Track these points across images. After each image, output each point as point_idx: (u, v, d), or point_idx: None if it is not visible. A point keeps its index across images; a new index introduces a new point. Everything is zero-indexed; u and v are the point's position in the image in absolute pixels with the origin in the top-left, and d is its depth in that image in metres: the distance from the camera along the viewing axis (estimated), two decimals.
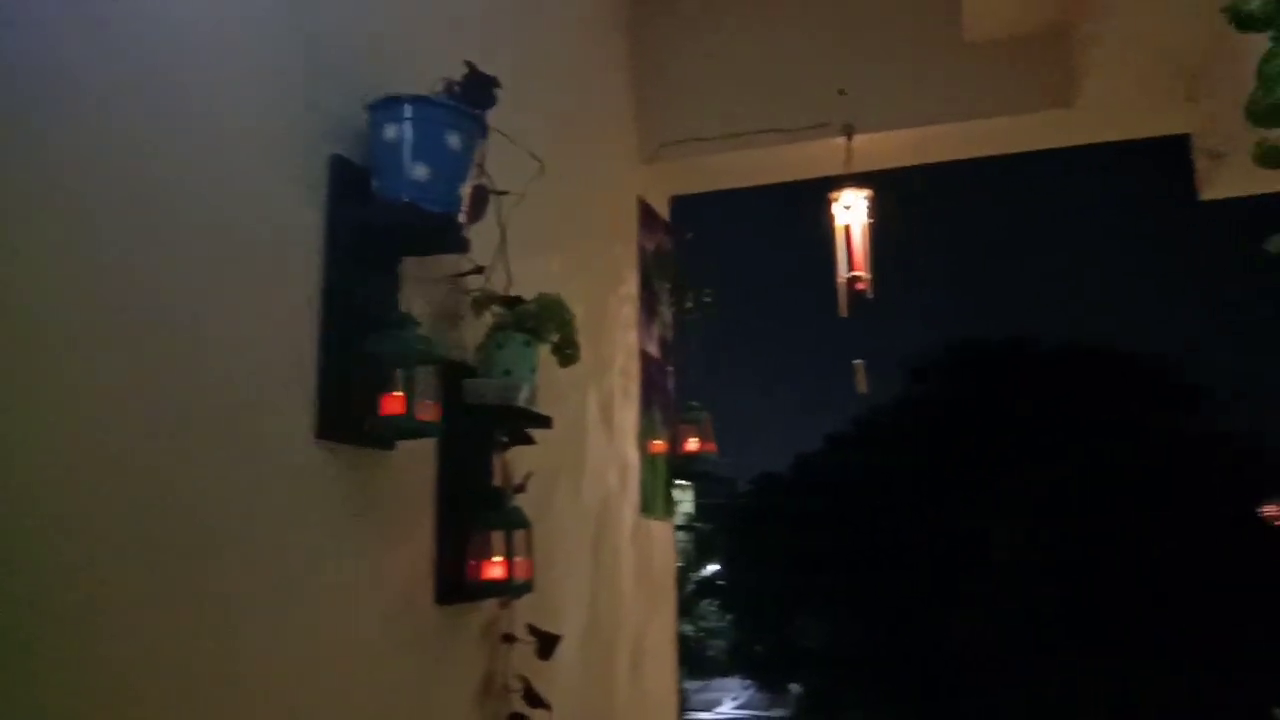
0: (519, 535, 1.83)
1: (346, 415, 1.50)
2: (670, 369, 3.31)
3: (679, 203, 3.57)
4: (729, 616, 19.50)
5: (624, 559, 2.78)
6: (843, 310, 2.91)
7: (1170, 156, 3.17)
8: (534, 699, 1.93)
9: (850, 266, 2.93)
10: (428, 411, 1.55)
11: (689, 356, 3.38)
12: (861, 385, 2.91)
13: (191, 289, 1.27)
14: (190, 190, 1.29)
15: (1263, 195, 2.75)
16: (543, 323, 1.85)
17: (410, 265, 1.72)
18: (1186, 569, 13.91)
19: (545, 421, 1.95)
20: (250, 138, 1.40)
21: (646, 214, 3.24)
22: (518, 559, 1.82)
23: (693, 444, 3.23)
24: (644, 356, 3.11)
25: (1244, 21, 1.41)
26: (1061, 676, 13.14)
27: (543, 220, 2.17)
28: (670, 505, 3.22)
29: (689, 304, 3.37)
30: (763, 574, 18.18)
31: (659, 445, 3.15)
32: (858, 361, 2.92)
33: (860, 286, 2.93)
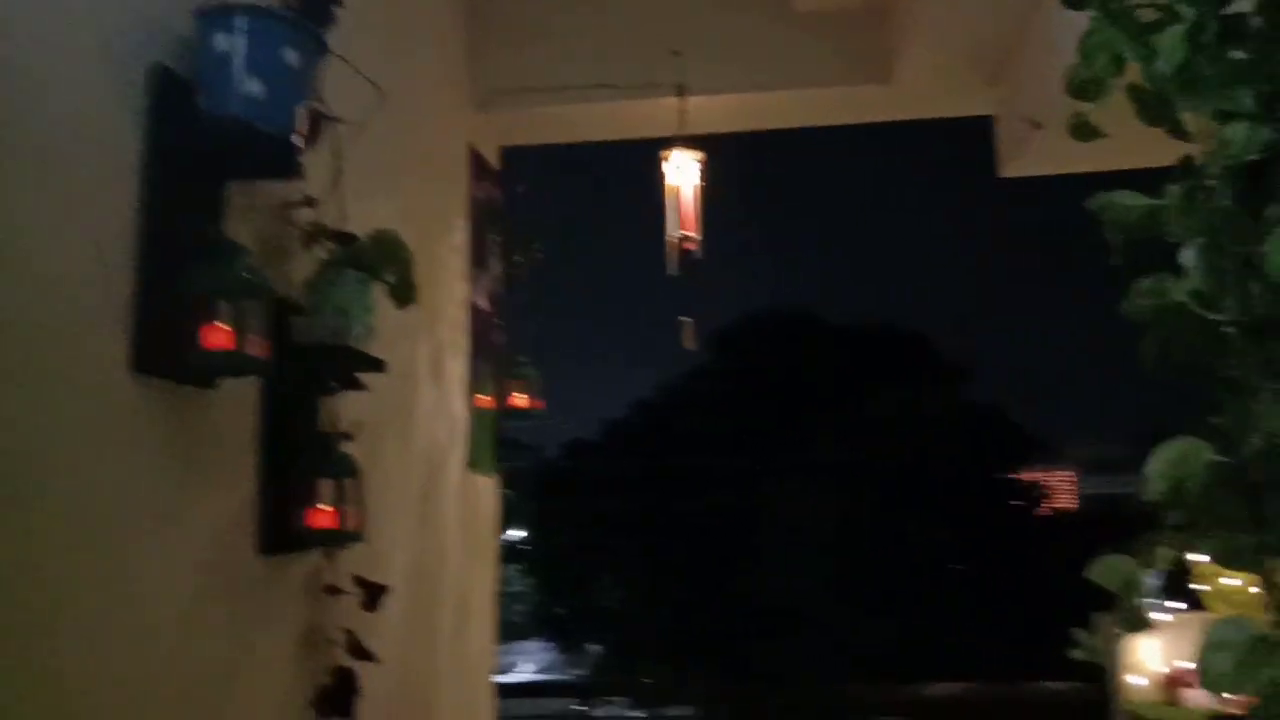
0: (349, 483, 1.75)
1: (166, 348, 1.38)
2: (499, 323, 3.26)
3: (512, 154, 3.50)
4: (531, 580, 19.62)
5: (450, 513, 2.72)
6: (672, 269, 2.95)
7: (976, 136, 3.38)
8: (359, 651, 1.86)
9: (680, 226, 2.97)
10: (257, 347, 1.45)
11: (518, 311, 3.34)
12: (689, 342, 2.97)
13: None
14: None
15: (1055, 176, 3.00)
16: (380, 261, 1.77)
17: (237, 192, 1.59)
18: (951, 529, 15.16)
19: (378, 365, 1.86)
20: (62, 44, 1.25)
21: (478, 163, 3.16)
22: (348, 508, 1.74)
23: (520, 400, 3.19)
24: (473, 309, 3.04)
25: (1072, 1, 1.50)
26: (842, 629, 14.01)
27: (372, 158, 2.07)
28: (496, 461, 3.17)
29: (519, 258, 3.32)
30: (566, 538, 18.37)
31: (486, 400, 3.09)
32: (685, 319, 2.96)
33: (689, 247, 2.97)
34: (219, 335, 1.40)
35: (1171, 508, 1.25)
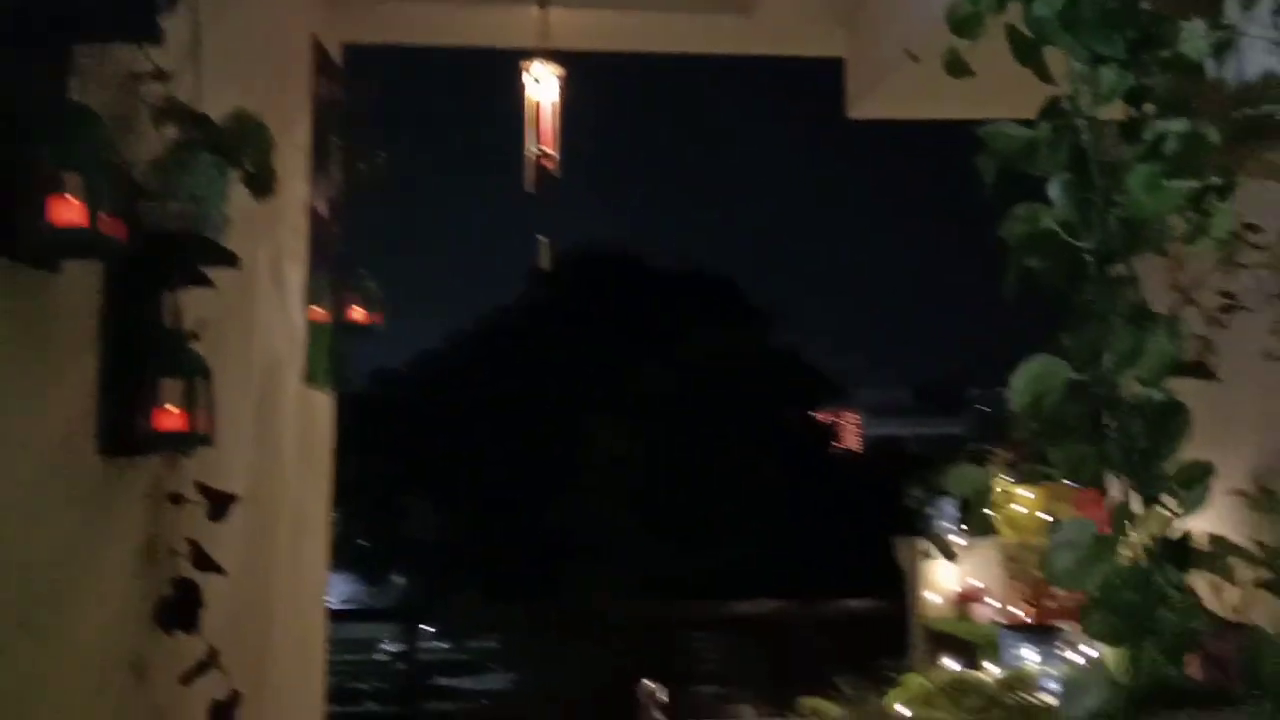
0: (199, 384, 1.64)
1: (4, 221, 1.23)
2: (338, 232, 3.10)
3: (358, 54, 3.31)
4: (335, 511, 19.16)
5: (288, 427, 2.59)
6: (529, 186, 2.89)
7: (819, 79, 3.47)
8: (205, 562, 1.75)
9: (538, 142, 2.91)
10: (111, 227, 1.32)
11: (359, 221, 3.18)
12: (545, 262, 2.93)
13: None
14: None
15: (900, 121, 3.13)
16: (239, 145, 1.64)
17: (83, 56, 1.42)
18: (753, 463, 15.94)
19: (232, 259, 1.73)
20: None
21: (321, 57, 2.96)
22: (197, 410, 1.62)
23: (358, 314, 3.06)
24: (313, 215, 2.88)
25: None
26: (651, 556, 14.50)
27: (210, 37, 1.89)
28: (332, 376, 3.04)
29: (362, 165, 3.15)
30: (373, 468, 18.01)
31: (323, 312, 2.95)
32: (542, 239, 2.92)
33: (547, 164, 2.92)
34: (69, 210, 1.26)
35: (1030, 418, 1.36)
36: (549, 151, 2.91)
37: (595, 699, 5.37)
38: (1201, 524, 1.70)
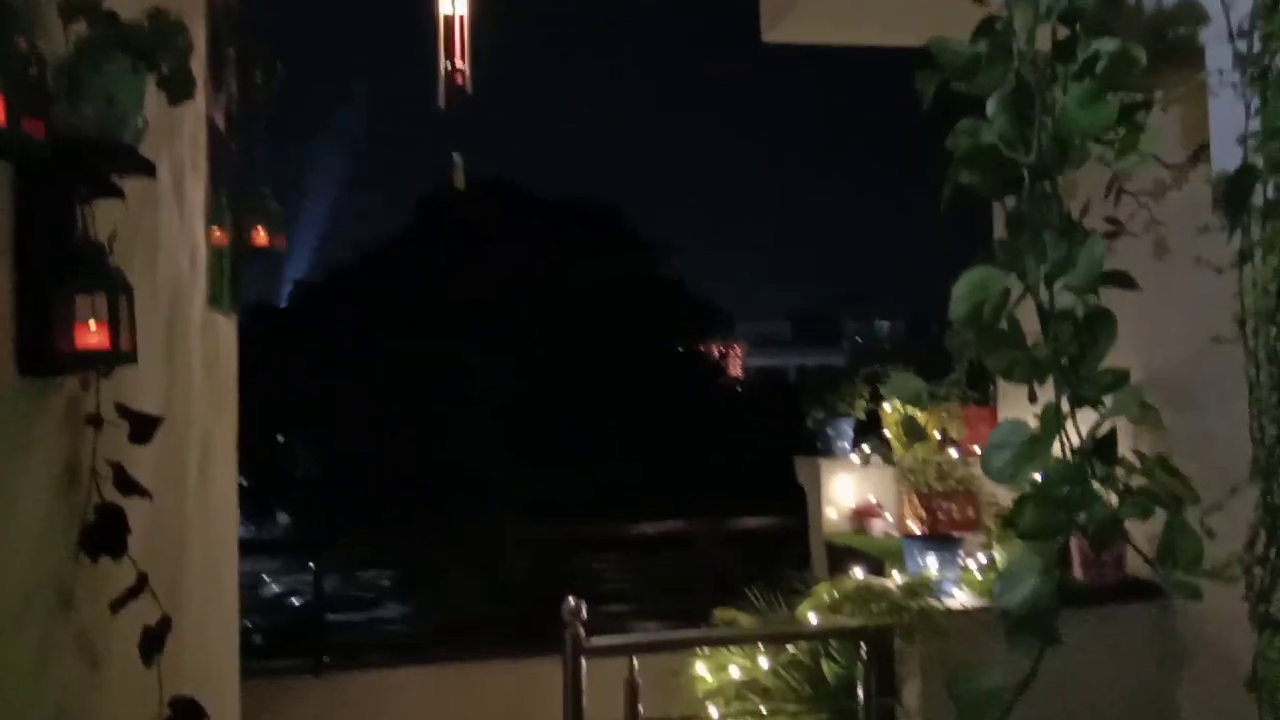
0: (122, 301, 1.55)
1: None
2: (236, 148, 2.95)
3: None
4: None
5: (194, 352, 2.49)
6: (441, 101, 2.81)
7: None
8: (129, 485, 1.69)
9: (450, 57, 2.82)
10: (26, 124, 1.22)
11: (257, 138, 3.04)
12: (459, 181, 2.87)
13: None
14: None
15: (815, 47, 3.15)
16: (156, 46, 1.54)
17: None
18: (644, 392, 16.11)
19: (150, 167, 1.64)
20: None
21: None
22: (121, 328, 1.54)
23: (260, 236, 2.95)
24: (211, 129, 2.73)
25: None
26: (539, 485, 14.59)
27: None
28: (234, 300, 2.93)
29: (259, 78, 3.00)
30: (250, 404, 17.49)
31: (224, 234, 2.83)
32: (456, 155, 2.85)
33: (458, 79, 2.84)
34: None
35: (971, 323, 1.42)
36: (460, 66, 2.83)
37: (498, 623, 5.43)
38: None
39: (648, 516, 5.15)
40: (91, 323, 1.51)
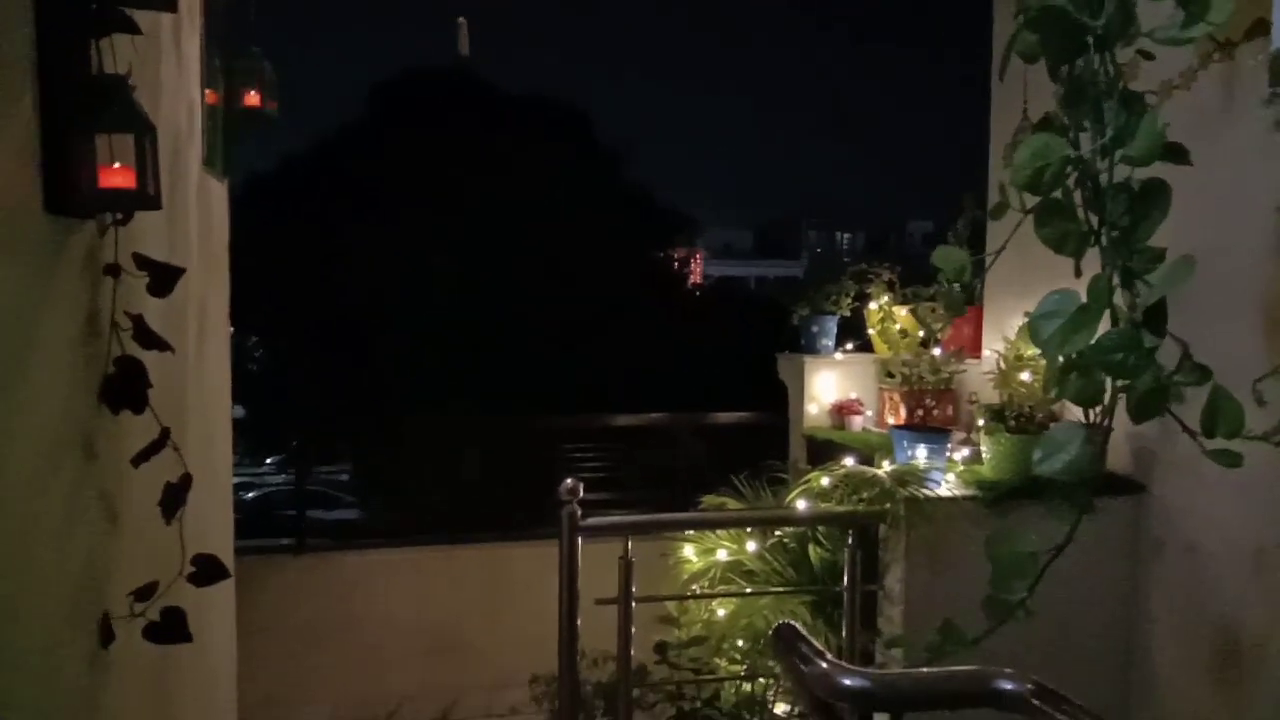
0: (148, 140, 1.48)
1: None
2: (227, 4, 2.81)
3: None
4: None
5: (191, 212, 2.40)
6: None
7: None
8: (149, 338, 1.64)
9: None
10: None
11: None
12: (463, 46, 2.76)
13: None
14: None
15: None
16: None
17: None
18: (600, 298, 16.04)
19: (168, 2, 1.55)
20: None
21: None
22: (148, 169, 1.48)
23: (252, 98, 2.83)
24: None
25: None
26: (484, 388, 14.52)
27: None
28: (228, 164, 2.82)
29: None
30: None
31: (216, 94, 2.71)
32: (460, 20, 2.74)
33: None
34: None
35: (1030, 190, 1.41)
36: None
37: (476, 512, 5.46)
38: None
39: (629, 407, 5.16)
40: (117, 163, 1.44)
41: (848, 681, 1.61)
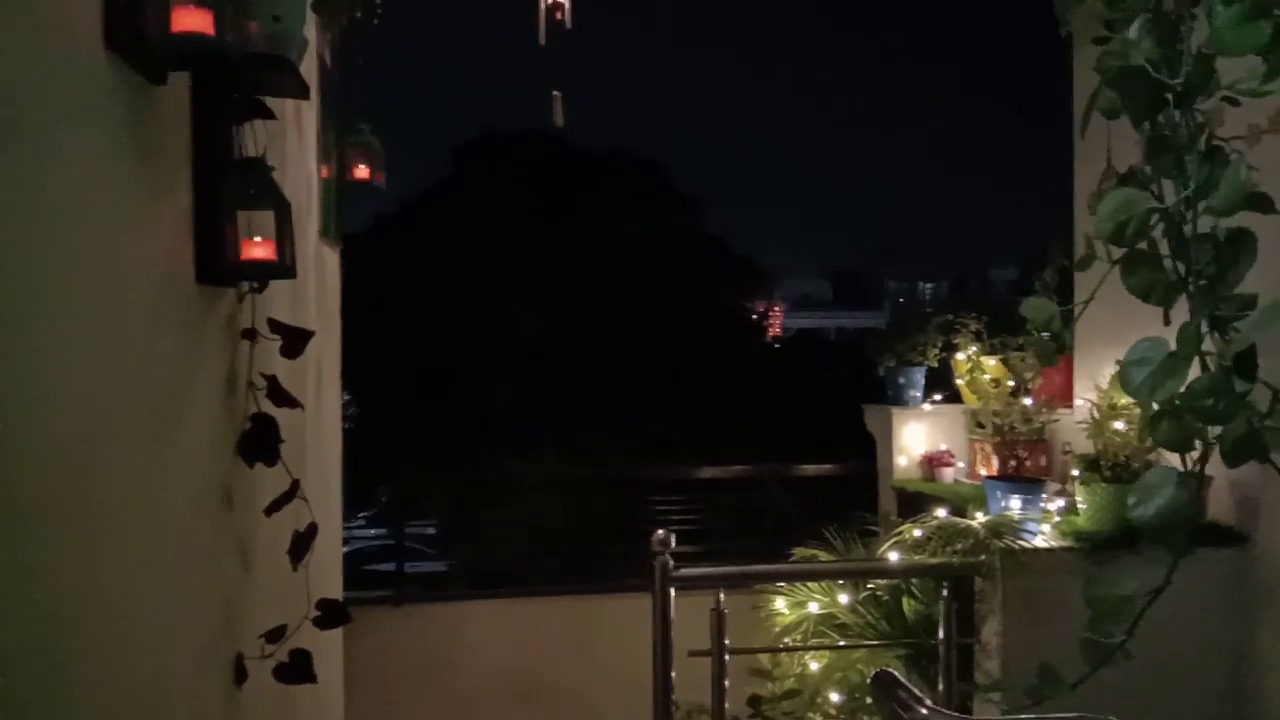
0: (285, 215, 1.63)
1: (132, 25, 1.20)
2: (339, 82, 3.02)
3: None
4: None
5: (310, 278, 2.58)
6: (542, 39, 2.85)
7: None
8: (282, 396, 1.78)
9: None
10: (220, 36, 1.29)
11: (358, 72, 3.10)
12: (558, 118, 2.91)
13: None
14: None
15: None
16: None
17: None
18: (680, 350, 16.12)
19: (305, 89, 1.71)
20: None
21: None
22: (285, 242, 1.62)
23: (361, 171, 3.02)
24: (320, 64, 2.79)
25: None
26: (569, 435, 14.67)
27: None
28: (339, 231, 3.01)
29: (359, 12, 3.05)
30: None
31: (329, 168, 2.90)
32: (555, 93, 2.90)
33: (558, 16, 2.88)
34: (191, 16, 1.23)
35: (1114, 243, 1.45)
36: (561, 2, 2.86)
37: (561, 564, 5.54)
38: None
39: (714, 458, 5.20)
40: (257, 237, 1.59)
41: None
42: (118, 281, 1.23)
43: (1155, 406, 1.42)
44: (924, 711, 1.67)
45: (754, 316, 22.52)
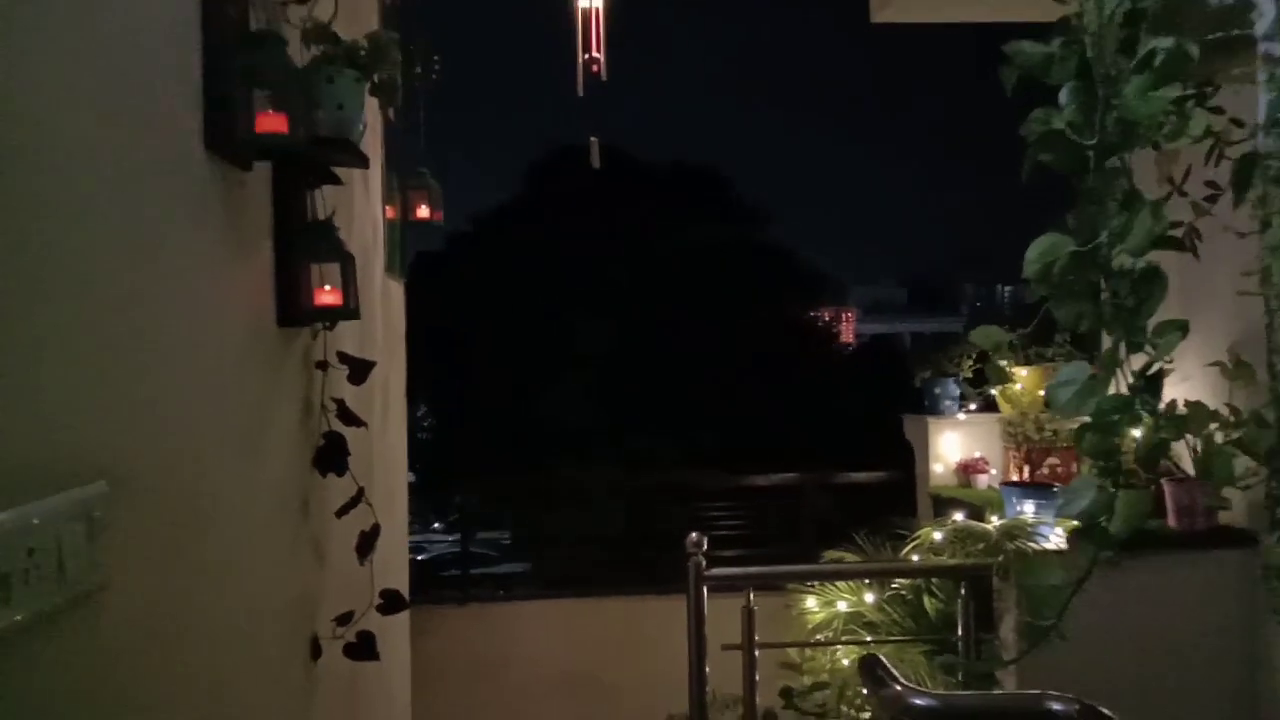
0: (350, 268, 1.96)
1: (225, 129, 1.53)
2: (401, 132, 3.37)
3: None
4: None
5: (377, 311, 2.92)
6: (579, 89, 3.16)
7: None
8: (349, 417, 2.11)
9: (588, 48, 3.17)
10: (295, 131, 1.62)
11: (417, 123, 3.45)
12: (595, 161, 3.22)
13: None
14: None
15: (923, 23, 3.38)
16: (376, 62, 1.92)
17: None
18: (752, 359, 16.27)
19: (365, 161, 2.04)
20: None
21: None
22: (350, 289, 1.95)
23: (423, 211, 3.36)
24: (384, 117, 3.14)
25: None
26: (631, 445, 14.93)
27: None
28: (402, 266, 3.36)
29: (419, 68, 3.40)
30: None
31: (394, 210, 3.26)
32: (593, 140, 3.20)
33: (594, 69, 3.18)
34: (273, 120, 1.56)
35: (1040, 283, 1.69)
36: (596, 56, 3.17)
37: (617, 564, 5.84)
38: (1184, 392, 2.06)
39: (768, 466, 5.44)
40: (327, 285, 1.92)
41: (918, 701, 1.88)
42: (215, 326, 1.57)
43: (1080, 421, 1.66)
44: (898, 688, 1.92)
45: (821, 324, 22.54)
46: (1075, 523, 3.52)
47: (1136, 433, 1.72)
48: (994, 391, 4.70)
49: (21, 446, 0.98)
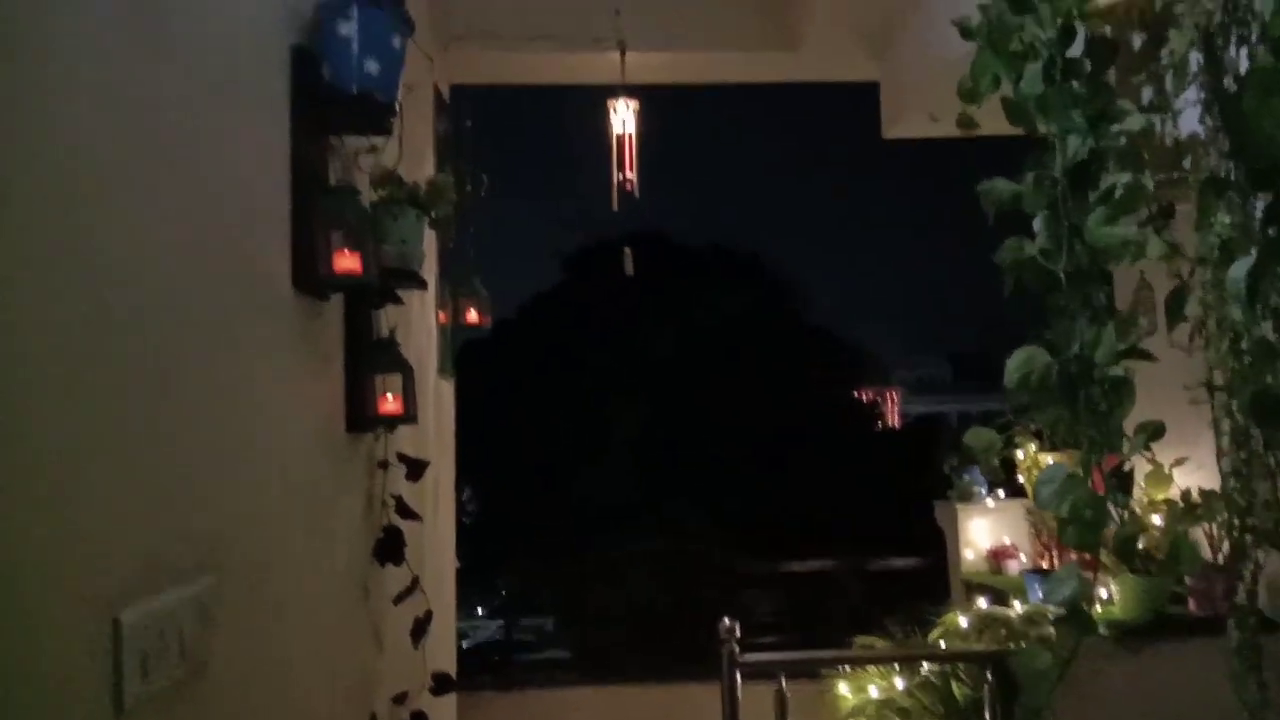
0: (409, 378, 2.22)
1: (308, 270, 1.80)
2: (453, 245, 3.68)
3: (454, 92, 3.88)
4: None
5: (430, 410, 3.18)
6: (614, 205, 3.45)
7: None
8: (406, 511, 2.34)
9: (621, 168, 3.47)
10: (366, 269, 1.89)
11: (468, 234, 3.76)
12: (629, 268, 3.49)
13: (197, 140, 1.52)
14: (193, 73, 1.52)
15: (930, 139, 3.64)
16: (433, 201, 2.21)
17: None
18: (792, 439, 16.33)
19: (424, 284, 2.31)
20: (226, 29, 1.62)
21: (438, 98, 3.54)
22: (410, 398, 2.21)
23: (472, 316, 3.65)
24: (440, 236, 3.46)
25: (964, 32, 2.08)
26: (668, 526, 14.97)
27: None
28: (453, 367, 3.63)
29: (468, 187, 3.72)
30: None
31: (445, 316, 3.54)
32: (626, 249, 3.48)
33: (628, 188, 3.48)
34: (348, 260, 1.83)
35: (1020, 389, 1.89)
36: (629, 176, 3.46)
37: (656, 649, 5.95)
38: (1198, 480, 2.21)
39: (793, 557, 5.57)
40: (390, 395, 2.18)
41: None
42: (297, 434, 1.82)
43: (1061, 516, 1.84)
44: None
45: (865, 403, 22.55)
46: (1098, 609, 3.62)
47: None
48: (1020, 478, 4.83)
49: (153, 542, 1.22)
